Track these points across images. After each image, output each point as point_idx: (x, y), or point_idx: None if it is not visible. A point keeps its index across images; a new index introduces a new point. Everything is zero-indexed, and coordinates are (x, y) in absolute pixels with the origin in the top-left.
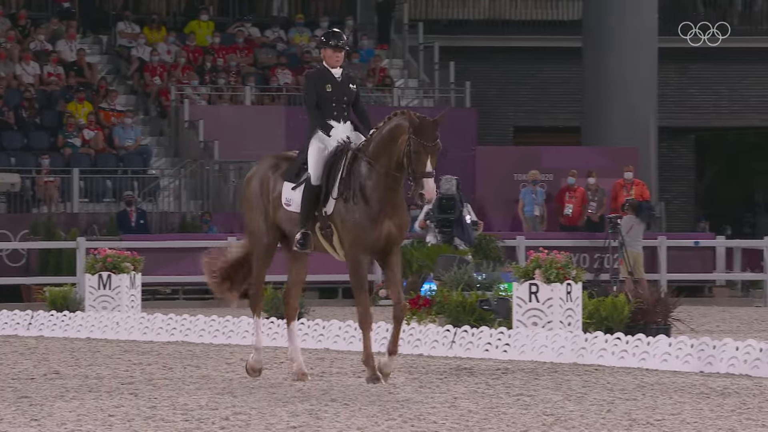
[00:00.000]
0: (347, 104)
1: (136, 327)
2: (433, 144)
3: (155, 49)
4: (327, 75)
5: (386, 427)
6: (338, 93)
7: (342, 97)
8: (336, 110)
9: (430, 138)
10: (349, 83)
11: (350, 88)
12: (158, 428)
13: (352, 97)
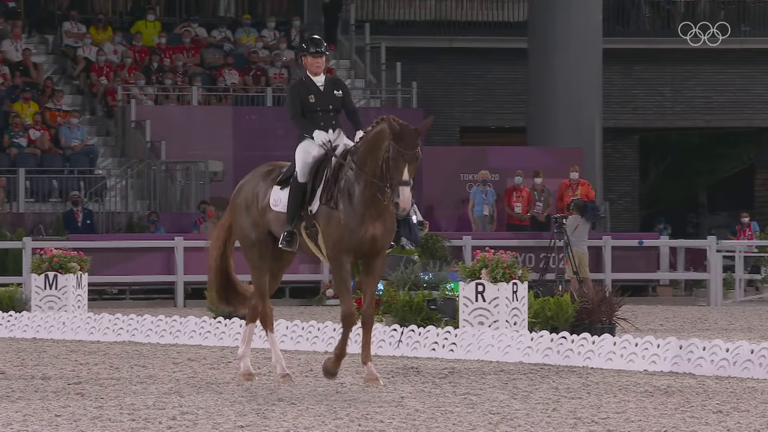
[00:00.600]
0: (334, 111)
1: (82, 327)
2: (411, 152)
3: (101, 49)
4: (309, 85)
5: (333, 427)
6: (322, 102)
7: (327, 106)
8: (322, 120)
9: (409, 146)
10: (334, 89)
11: (335, 94)
12: (105, 428)
13: (339, 104)
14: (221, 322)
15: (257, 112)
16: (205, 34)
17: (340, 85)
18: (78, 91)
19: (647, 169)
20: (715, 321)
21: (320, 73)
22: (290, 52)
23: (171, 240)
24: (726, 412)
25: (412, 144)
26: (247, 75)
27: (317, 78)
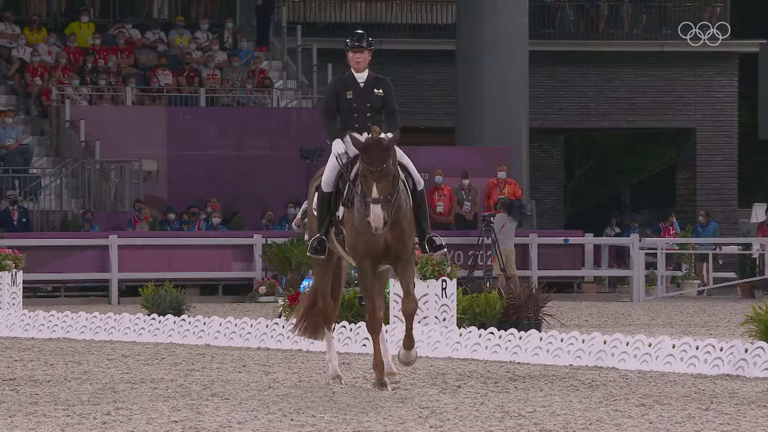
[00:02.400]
0: (372, 110)
1: (17, 324)
2: (377, 168)
3: (36, 49)
4: (349, 81)
5: (266, 422)
6: (360, 100)
7: (364, 104)
8: (358, 119)
9: (375, 162)
10: (374, 87)
11: (375, 93)
12: (40, 423)
13: (379, 103)
14: (155, 319)
15: (190, 112)
16: (139, 36)
17: (383, 83)
18: (12, 91)
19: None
20: (638, 317)
21: (362, 70)
22: (223, 53)
23: (105, 238)
24: (648, 406)
25: (377, 160)
26: (180, 76)
27: (359, 75)
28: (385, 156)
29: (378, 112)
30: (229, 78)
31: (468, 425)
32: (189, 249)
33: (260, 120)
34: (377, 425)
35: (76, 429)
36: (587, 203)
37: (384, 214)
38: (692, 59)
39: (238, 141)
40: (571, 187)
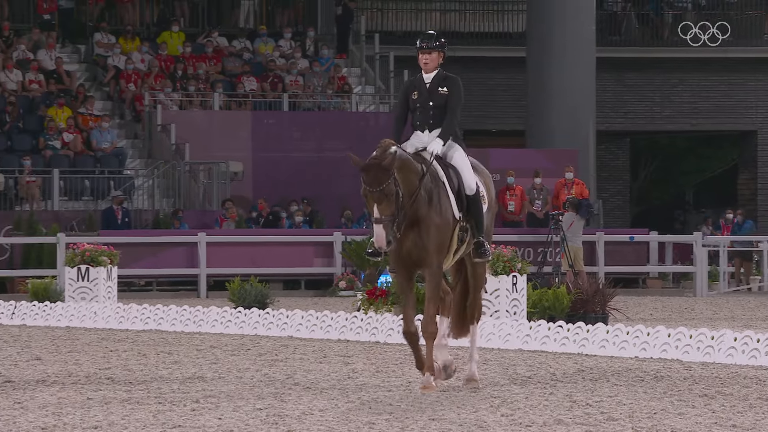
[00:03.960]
0: (435, 109)
1: (112, 316)
2: (376, 190)
3: (130, 58)
4: (417, 81)
5: (345, 410)
6: (423, 99)
7: (427, 104)
8: (420, 118)
9: (374, 182)
10: (439, 86)
11: (439, 92)
12: (133, 410)
13: (442, 101)
14: (241, 312)
15: (274, 116)
16: (226, 44)
17: (449, 82)
18: (108, 97)
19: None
20: (701, 311)
21: (431, 70)
22: (305, 60)
23: (194, 235)
24: (711, 396)
25: (377, 181)
26: (264, 82)
27: (427, 75)
28: (384, 176)
29: (442, 110)
30: (311, 84)
31: (538, 414)
32: (273, 246)
33: (340, 124)
34: (451, 413)
35: (167, 416)
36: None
37: (387, 234)
38: (753, 65)
39: (318, 144)
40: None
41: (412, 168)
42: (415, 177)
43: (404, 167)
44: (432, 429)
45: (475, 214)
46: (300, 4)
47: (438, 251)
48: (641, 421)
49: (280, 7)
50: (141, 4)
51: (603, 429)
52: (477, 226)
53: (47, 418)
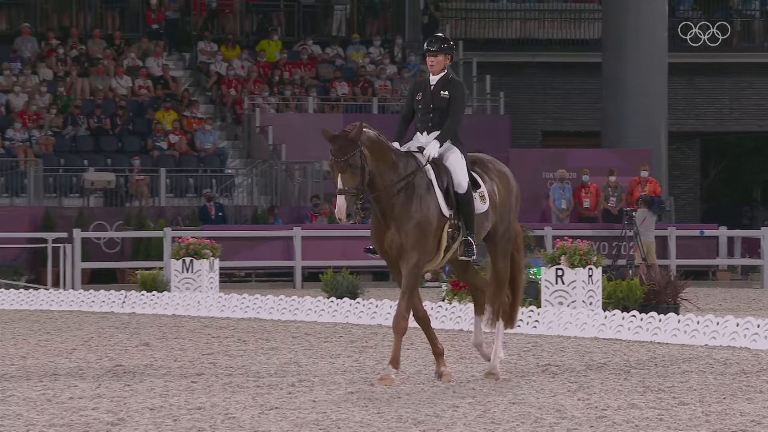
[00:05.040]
0: (435, 111)
1: (214, 305)
2: (341, 159)
3: (231, 64)
4: (423, 83)
5: (431, 393)
6: (425, 102)
7: (428, 106)
8: (421, 120)
9: (338, 153)
10: (442, 89)
11: (441, 95)
12: (234, 393)
13: (443, 104)
14: (333, 302)
15: (364, 119)
16: (320, 51)
17: (451, 85)
18: (210, 102)
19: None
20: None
21: (437, 72)
22: (393, 66)
23: (290, 230)
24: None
25: (342, 151)
26: (355, 86)
27: (433, 77)
28: (350, 147)
29: (443, 112)
30: (399, 88)
31: (613, 398)
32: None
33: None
34: (530, 397)
35: (265, 398)
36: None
37: (348, 206)
38: None
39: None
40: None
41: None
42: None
43: (377, 151)
44: (512, 412)
45: (465, 213)
46: (389, 14)
47: (416, 248)
48: (711, 406)
49: (370, 16)
50: (242, 14)
51: (675, 413)
52: (467, 224)
53: (154, 400)
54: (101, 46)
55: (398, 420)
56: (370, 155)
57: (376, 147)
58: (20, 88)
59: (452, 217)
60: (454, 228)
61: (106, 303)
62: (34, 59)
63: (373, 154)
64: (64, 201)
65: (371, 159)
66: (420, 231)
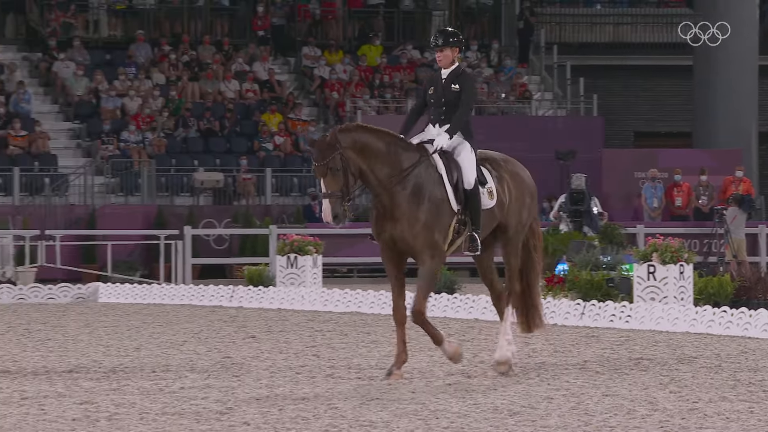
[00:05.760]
0: (446, 105)
1: (318, 300)
2: (321, 163)
3: (334, 68)
4: (435, 78)
5: (526, 386)
6: (437, 95)
7: (440, 99)
8: (434, 113)
9: (317, 158)
10: (452, 83)
11: (452, 88)
12: (336, 384)
13: (454, 97)
14: (432, 296)
15: None
16: (419, 56)
17: (461, 78)
18: (314, 104)
19: None
20: None
21: (446, 66)
22: (490, 69)
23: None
24: None
25: (322, 155)
26: None
27: (444, 71)
28: (328, 151)
29: (453, 105)
30: (495, 91)
31: (704, 391)
32: None
33: (521, 127)
34: (623, 390)
35: (366, 389)
36: None
37: (333, 209)
38: None
39: (501, 145)
40: None
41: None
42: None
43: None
44: (605, 404)
45: (472, 209)
46: (485, 19)
47: (429, 246)
48: None
49: (467, 22)
50: (344, 20)
51: (765, 406)
52: (473, 220)
53: (261, 390)
54: (211, 51)
55: (494, 411)
56: (357, 154)
57: (363, 145)
58: (135, 92)
59: (459, 212)
60: (461, 223)
61: (215, 297)
62: (148, 64)
63: (362, 152)
64: (176, 200)
65: (359, 157)
66: (430, 231)
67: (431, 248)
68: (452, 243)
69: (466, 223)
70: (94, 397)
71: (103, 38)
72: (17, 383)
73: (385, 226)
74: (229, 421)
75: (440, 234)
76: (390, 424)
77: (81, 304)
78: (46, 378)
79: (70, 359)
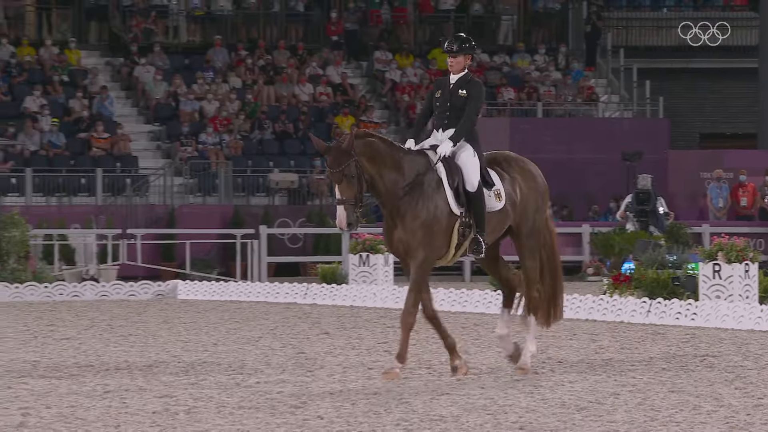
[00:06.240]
0: (452, 110)
1: (389, 297)
2: (334, 171)
3: (404, 72)
4: (443, 82)
5: (593, 381)
6: (443, 101)
7: (446, 104)
8: (439, 118)
9: (332, 164)
10: (460, 89)
11: (459, 94)
12: (407, 379)
13: (461, 103)
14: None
15: (529, 122)
16: (488, 59)
17: (469, 85)
18: (385, 107)
19: None
20: None
21: (457, 72)
22: (557, 72)
23: None
24: None
25: (337, 162)
26: (521, 92)
27: (453, 77)
28: (343, 158)
29: (460, 111)
30: (562, 93)
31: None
32: None
33: (588, 128)
34: (688, 386)
35: (436, 384)
36: None
37: (347, 216)
38: None
39: (569, 146)
40: None
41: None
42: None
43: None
44: (671, 400)
45: (475, 211)
46: (553, 23)
47: (423, 245)
48: None
49: (535, 26)
50: (415, 25)
51: None
52: (477, 222)
53: (334, 385)
54: (285, 56)
55: (562, 406)
56: (369, 162)
57: (375, 153)
58: (212, 95)
59: (463, 215)
60: (465, 226)
61: (289, 294)
62: (225, 69)
63: (373, 159)
64: (252, 200)
65: (370, 165)
66: (426, 229)
67: (425, 246)
68: (459, 246)
69: (470, 226)
70: (173, 390)
71: (182, 44)
72: (100, 377)
73: (395, 235)
74: (303, 415)
75: (436, 234)
76: (459, 419)
77: (161, 301)
78: (128, 372)
79: (151, 354)
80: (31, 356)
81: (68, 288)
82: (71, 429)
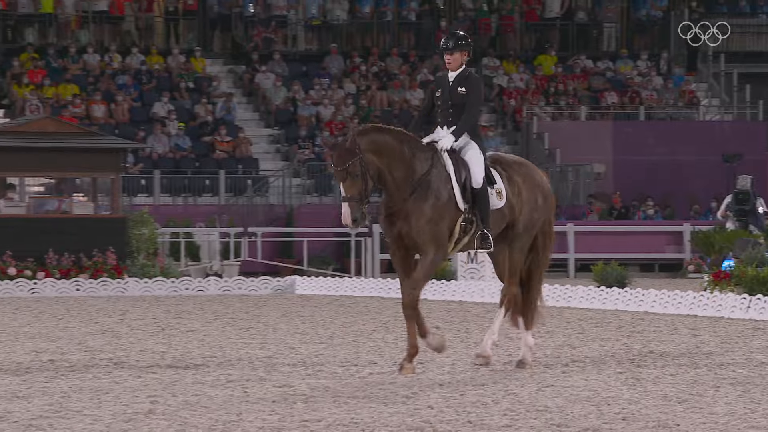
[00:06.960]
0: (453, 107)
1: (496, 293)
2: (339, 169)
3: (511, 77)
4: (442, 80)
5: (694, 375)
6: (444, 98)
7: (447, 102)
8: (441, 115)
9: (337, 162)
10: (459, 86)
11: (459, 91)
12: (513, 371)
13: (461, 100)
14: (604, 291)
15: (632, 125)
16: (592, 65)
17: (468, 81)
18: (493, 111)
19: None
20: None
21: (454, 69)
22: (659, 77)
23: (564, 225)
24: None
25: (341, 160)
26: (624, 96)
27: (451, 74)
28: (348, 156)
29: (460, 108)
30: (664, 98)
31: None
32: (631, 234)
33: (689, 131)
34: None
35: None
36: None
37: (352, 212)
38: None
39: (670, 149)
40: None
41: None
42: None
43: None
44: None
45: (480, 207)
46: (655, 30)
47: (433, 242)
48: None
49: (638, 33)
50: (521, 33)
51: None
52: (483, 219)
53: (443, 376)
54: (398, 63)
55: (663, 398)
56: (376, 156)
57: (381, 147)
58: (328, 100)
59: (467, 211)
60: (467, 221)
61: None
62: (340, 75)
63: (380, 154)
64: None
65: (378, 159)
66: (434, 226)
67: (435, 242)
68: (459, 241)
69: (473, 222)
70: (291, 380)
71: (300, 51)
72: (223, 368)
73: (395, 223)
74: (414, 405)
75: (444, 230)
76: (564, 409)
77: (279, 296)
78: (248, 363)
79: (270, 346)
80: (159, 347)
81: (193, 283)
82: (196, 416)
